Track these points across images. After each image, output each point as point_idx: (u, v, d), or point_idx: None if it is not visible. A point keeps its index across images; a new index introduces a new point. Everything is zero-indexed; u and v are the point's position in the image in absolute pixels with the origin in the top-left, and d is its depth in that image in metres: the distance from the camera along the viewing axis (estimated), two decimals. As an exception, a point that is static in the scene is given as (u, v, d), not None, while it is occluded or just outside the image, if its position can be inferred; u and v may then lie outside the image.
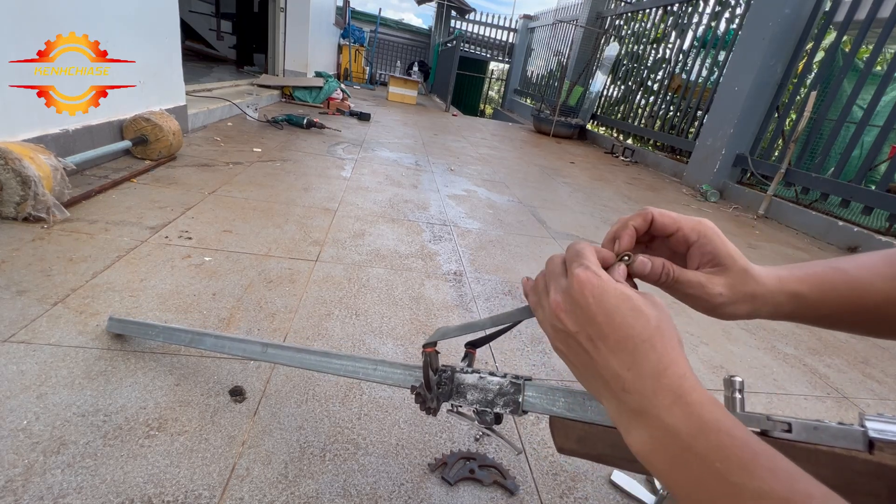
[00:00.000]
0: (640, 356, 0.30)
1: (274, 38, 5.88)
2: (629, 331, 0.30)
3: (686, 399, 0.28)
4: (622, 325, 0.30)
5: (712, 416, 0.27)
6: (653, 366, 0.29)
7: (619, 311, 0.31)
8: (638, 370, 0.30)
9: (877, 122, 3.09)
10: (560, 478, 0.82)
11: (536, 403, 0.47)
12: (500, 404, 0.50)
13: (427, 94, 10.82)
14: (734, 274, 0.37)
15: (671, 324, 0.31)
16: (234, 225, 1.65)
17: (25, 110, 1.63)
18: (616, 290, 0.32)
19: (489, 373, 0.52)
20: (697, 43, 5.01)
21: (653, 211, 0.38)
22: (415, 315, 1.28)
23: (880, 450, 0.30)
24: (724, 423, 0.27)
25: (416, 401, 0.55)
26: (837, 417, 1.16)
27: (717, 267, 0.37)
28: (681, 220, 0.38)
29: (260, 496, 0.69)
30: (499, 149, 4.65)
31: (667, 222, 0.38)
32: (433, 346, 0.53)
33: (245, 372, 0.94)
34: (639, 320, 0.30)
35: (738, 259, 0.37)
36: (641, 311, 0.31)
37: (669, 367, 0.29)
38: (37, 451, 0.69)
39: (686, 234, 0.38)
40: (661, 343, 0.30)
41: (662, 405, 0.28)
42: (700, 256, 0.38)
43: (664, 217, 0.38)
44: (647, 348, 0.30)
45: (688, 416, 0.27)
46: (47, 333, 0.94)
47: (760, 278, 0.38)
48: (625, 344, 0.30)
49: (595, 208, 2.84)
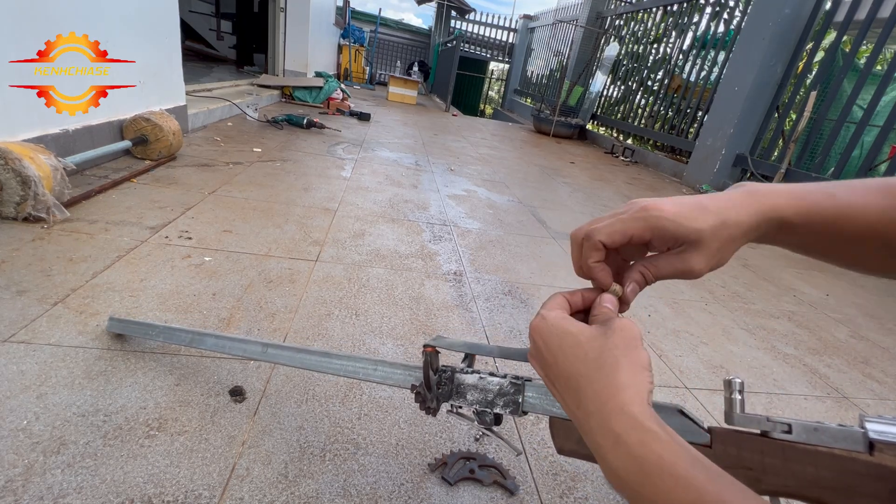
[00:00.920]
0: (581, 394, 0.30)
1: (274, 38, 5.88)
2: (570, 368, 0.31)
3: (624, 439, 0.27)
4: (565, 364, 0.31)
5: (653, 455, 0.26)
6: (593, 403, 0.29)
7: (561, 350, 0.32)
8: (584, 409, 0.30)
9: (877, 122, 3.09)
10: (560, 478, 0.82)
11: (536, 404, 0.47)
12: (500, 405, 0.50)
13: (427, 94, 10.82)
14: (707, 241, 0.35)
15: (625, 349, 0.30)
16: (234, 225, 1.65)
17: (25, 110, 1.63)
18: (558, 329, 0.33)
19: (489, 373, 0.52)
20: (697, 43, 5.01)
21: (596, 237, 0.36)
22: (415, 315, 1.28)
23: (881, 451, 0.30)
24: (665, 462, 0.26)
25: (416, 400, 0.55)
26: (837, 417, 1.16)
27: (685, 245, 0.35)
28: (627, 226, 0.36)
29: (260, 496, 0.69)
30: (499, 149, 4.65)
31: (617, 239, 0.36)
32: (433, 346, 0.53)
33: (245, 372, 0.94)
34: (577, 356, 0.31)
35: (703, 227, 0.34)
36: (580, 345, 0.31)
37: (608, 403, 0.29)
38: (37, 451, 0.69)
39: (639, 237, 0.36)
40: (599, 375, 0.30)
41: (607, 447, 0.28)
42: (663, 246, 0.36)
43: (613, 235, 0.36)
44: (585, 384, 0.30)
45: (629, 458, 0.27)
46: (47, 333, 0.94)
47: (734, 219, 0.35)
48: (568, 382, 0.31)
49: (595, 208, 2.84)
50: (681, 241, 0.35)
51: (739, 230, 0.35)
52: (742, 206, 0.35)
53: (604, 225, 0.36)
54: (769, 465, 0.33)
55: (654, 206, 0.35)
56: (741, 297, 1.80)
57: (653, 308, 1.55)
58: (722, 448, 0.35)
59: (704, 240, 0.35)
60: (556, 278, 1.69)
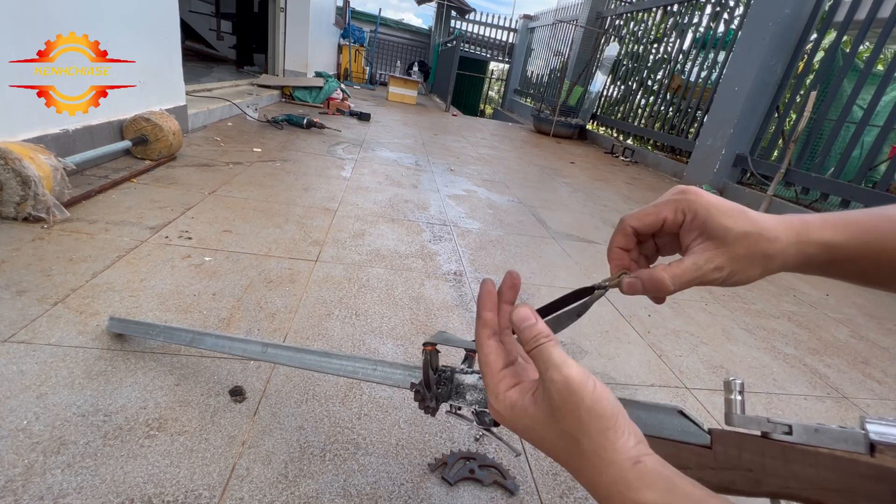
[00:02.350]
0: (577, 472, 0.29)
1: (274, 38, 5.88)
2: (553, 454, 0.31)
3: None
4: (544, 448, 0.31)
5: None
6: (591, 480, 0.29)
7: (533, 440, 0.32)
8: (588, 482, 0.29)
9: (877, 122, 3.09)
10: (560, 478, 0.82)
11: None
12: None
13: (427, 94, 10.82)
14: (732, 242, 0.34)
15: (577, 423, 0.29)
16: (234, 225, 1.65)
17: (25, 110, 1.63)
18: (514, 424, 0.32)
19: None
20: (697, 43, 5.01)
21: (628, 221, 0.36)
22: (415, 315, 1.28)
23: (882, 453, 0.30)
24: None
25: (416, 399, 0.55)
26: (837, 417, 1.16)
27: (709, 241, 0.34)
28: (661, 208, 0.36)
29: (260, 496, 0.69)
30: (499, 149, 4.65)
31: (649, 221, 0.36)
32: (433, 345, 0.53)
33: (245, 372, 0.94)
34: (549, 446, 0.30)
35: (733, 227, 0.34)
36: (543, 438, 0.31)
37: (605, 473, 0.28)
38: (37, 451, 0.69)
39: (672, 219, 0.36)
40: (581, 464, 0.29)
41: None
42: (690, 233, 0.36)
43: (645, 218, 0.36)
44: (574, 468, 0.29)
45: None
46: (47, 333, 0.94)
47: (771, 234, 0.34)
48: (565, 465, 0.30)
49: (595, 208, 2.84)
50: (708, 235, 0.34)
51: (774, 246, 0.34)
52: (786, 226, 0.34)
53: (639, 209, 0.37)
54: (770, 467, 0.33)
55: (693, 191, 0.35)
56: (741, 297, 1.80)
57: (653, 308, 1.55)
58: (722, 449, 0.35)
59: (730, 240, 0.34)
60: (556, 278, 1.69)
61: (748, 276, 0.35)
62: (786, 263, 0.35)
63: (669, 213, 0.36)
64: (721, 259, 0.34)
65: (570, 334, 1.32)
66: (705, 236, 0.35)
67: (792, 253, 0.34)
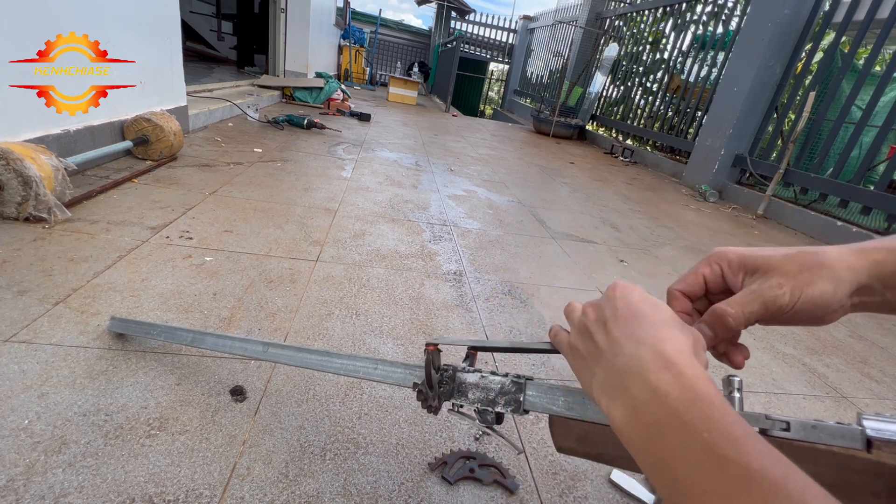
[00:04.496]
0: (641, 330, 0.31)
1: (274, 38, 5.88)
2: (639, 313, 0.32)
3: (678, 369, 0.27)
4: (635, 310, 0.32)
5: (706, 390, 0.26)
6: (652, 338, 0.30)
7: (637, 303, 0.32)
8: (636, 338, 0.30)
9: (875, 123, 3.10)
10: (560, 477, 0.83)
11: (537, 402, 0.47)
12: (502, 403, 0.50)
13: (427, 95, 10.82)
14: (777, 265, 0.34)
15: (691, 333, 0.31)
16: (235, 225, 1.65)
17: (26, 110, 1.63)
18: (644, 293, 0.33)
19: (490, 372, 0.52)
20: (697, 43, 5.02)
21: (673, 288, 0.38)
22: (415, 315, 1.28)
23: (878, 448, 0.30)
24: (716, 400, 0.26)
25: (418, 398, 0.55)
26: (836, 417, 1.17)
27: (757, 272, 0.35)
28: (697, 267, 0.38)
29: (261, 495, 0.69)
30: (498, 149, 4.65)
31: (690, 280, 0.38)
32: (435, 345, 0.53)
33: (246, 371, 0.94)
34: (651, 310, 0.32)
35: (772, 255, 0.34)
36: (658, 306, 0.32)
37: (669, 342, 0.29)
38: (38, 450, 0.69)
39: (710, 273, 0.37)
40: (666, 328, 0.30)
41: (652, 369, 0.28)
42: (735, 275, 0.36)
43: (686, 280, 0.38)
44: (648, 325, 0.31)
45: (679, 384, 0.26)
46: (49, 333, 0.95)
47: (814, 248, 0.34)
48: (631, 321, 0.31)
49: (595, 208, 2.85)
50: (752, 269, 0.35)
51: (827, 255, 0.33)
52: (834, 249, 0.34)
53: (681, 276, 0.39)
54: None
55: (722, 248, 0.37)
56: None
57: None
58: None
59: (774, 264, 0.34)
60: (555, 278, 1.70)
61: (820, 291, 0.33)
62: (853, 269, 0.33)
63: (706, 269, 0.37)
64: (775, 278, 0.33)
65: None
66: (751, 272, 0.35)
67: (853, 262, 0.33)
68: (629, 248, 2.20)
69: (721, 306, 0.34)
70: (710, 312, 0.35)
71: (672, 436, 0.25)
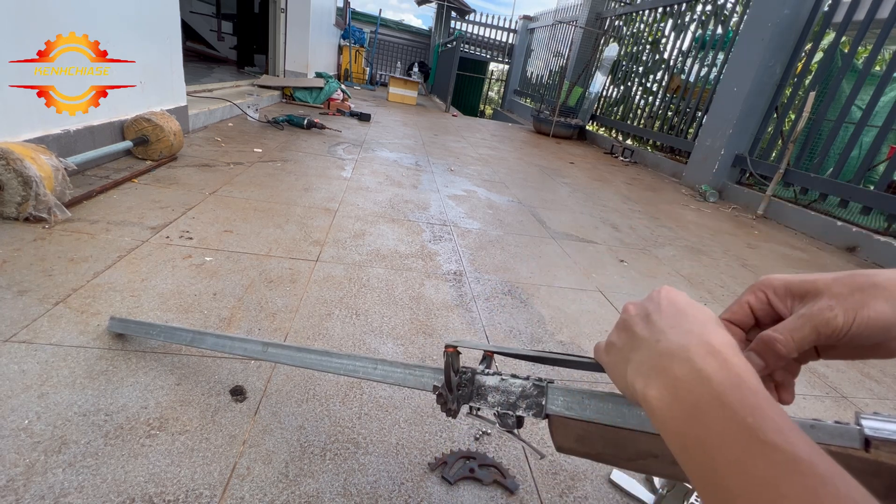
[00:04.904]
0: (687, 322, 0.31)
1: (274, 38, 5.88)
2: (684, 310, 0.32)
3: (724, 357, 0.27)
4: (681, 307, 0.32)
5: (751, 379, 0.26)
6: (698, 329, 0.30)
7: (682, 302, 0.33)
8: (681, 327, 0.30)
9: (875, 123, 3.10)
10: (559, 477, 0.83)
11: (561, 406, 0.45)
12: (523, 407, 0.48)
13: (427, 95, 10.82)
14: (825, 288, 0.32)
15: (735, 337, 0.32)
16: (235, 225, 1.66)
17: (26, 110, 1.63)
18: (690, 298, 0.34)
19: (511, 375, 0.50)
20: (697, 43, 5.02)
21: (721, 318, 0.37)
22: (415, 315, 1.28)
23: (876, 448, 0.30)
24: (761, 390, 0.25)
25: (438, 401, 0.54)
26: (836, 417, 1.17)
27: (805, 296, 0.34)
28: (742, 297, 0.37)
29: (261, 495, 0.69)
30: (498, 149, 4.65)
31: (736, 309, 0.37)
32: (454, 347, 0.52)
33: (246, 371, 0.94)
34: (696, 310, 0.32)
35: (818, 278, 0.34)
36: (703, 308, 0.33)
37: (714, 335, 0.29)
38: (38, 450, 0.70)
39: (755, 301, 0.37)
40: (712, 324, 0.31)
41: (697, 353, 0.28)
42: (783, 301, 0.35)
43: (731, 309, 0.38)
44: (693, 320, 0.31)
45: (725, 368, 0.26)
46: (49, 333, 0.95)
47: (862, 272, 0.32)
48: (677, 315, 0.32)
49: (595, 208, 2.85)
50: (799, 294, 0.34)
51: (880, 276, 0.32)
52: (887, 270, 0.33)
53: (728, 306, 0.39)
54: None
55: (770, 276, 0.37)
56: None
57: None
58: None
59: (821, 286, 0.33)
60: (555, 278, 1.70)
61: (877, 312, 0.31)
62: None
63: (751, 298, 0.37)
64: (825, 300, 0.32)
65: (571, 334, 1.32)
66: (799, 297, 0.34)
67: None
68: (629, 248, 2.20)
69: (768, 332, 0.33)
70: (757, 340, 0.34)
71: (714, 418, 0.25)
